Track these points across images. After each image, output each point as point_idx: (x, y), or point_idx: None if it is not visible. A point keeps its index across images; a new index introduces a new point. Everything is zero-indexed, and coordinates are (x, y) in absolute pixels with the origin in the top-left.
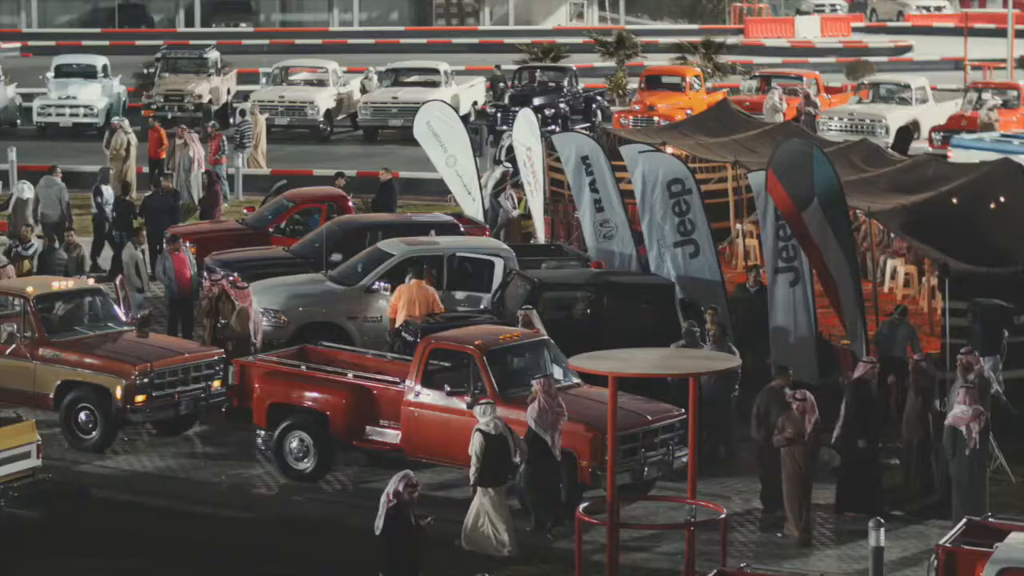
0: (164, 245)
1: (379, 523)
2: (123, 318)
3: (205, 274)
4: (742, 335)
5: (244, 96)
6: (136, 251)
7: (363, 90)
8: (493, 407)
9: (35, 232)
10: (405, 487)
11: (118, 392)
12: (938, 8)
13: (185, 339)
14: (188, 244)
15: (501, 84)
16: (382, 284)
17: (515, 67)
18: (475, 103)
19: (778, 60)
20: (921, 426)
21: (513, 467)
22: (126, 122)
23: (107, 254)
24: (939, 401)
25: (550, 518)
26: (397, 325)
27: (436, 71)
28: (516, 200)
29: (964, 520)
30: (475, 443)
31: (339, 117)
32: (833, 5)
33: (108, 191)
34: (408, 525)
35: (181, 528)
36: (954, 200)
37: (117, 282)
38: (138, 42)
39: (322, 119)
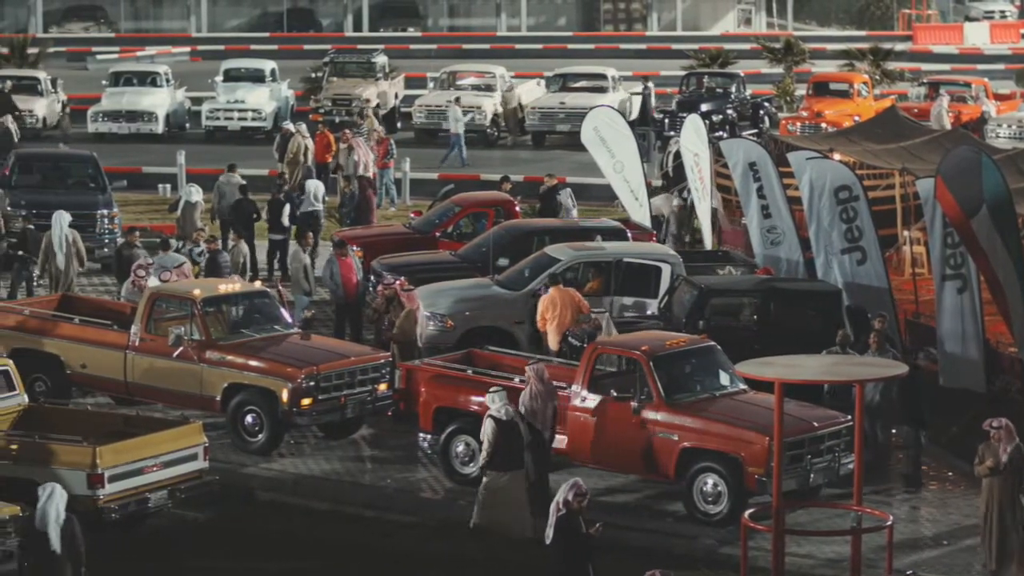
0: (332, 249)
1: (549, 532)
2: (289, 320)
3: (373, 278)
4: None
5: (411, 100)
6: (304, 254)
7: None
8: (503, 393)
9: (204, 236)
10: (574, 496)
11: (284, 395)
12: None
13: (353, 343)
14: (355, 248)
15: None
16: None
17: (683, 73)
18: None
19: (947, 67)
20: None
21: (522, 454)
22: (303, 127)
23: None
24: None
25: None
26: (552, 334)
27: (604, 76)
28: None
29: None
30: (487, 429)
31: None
32: (1003, 12)
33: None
34: (578, 533)
35: (346, 531)
36: None
37: (279, 285)
38: (306, 46)
39: (489, 124)
